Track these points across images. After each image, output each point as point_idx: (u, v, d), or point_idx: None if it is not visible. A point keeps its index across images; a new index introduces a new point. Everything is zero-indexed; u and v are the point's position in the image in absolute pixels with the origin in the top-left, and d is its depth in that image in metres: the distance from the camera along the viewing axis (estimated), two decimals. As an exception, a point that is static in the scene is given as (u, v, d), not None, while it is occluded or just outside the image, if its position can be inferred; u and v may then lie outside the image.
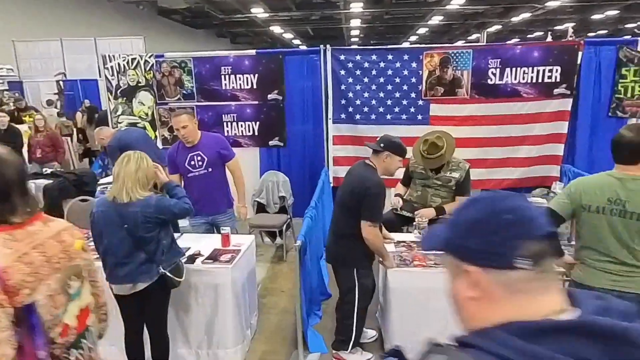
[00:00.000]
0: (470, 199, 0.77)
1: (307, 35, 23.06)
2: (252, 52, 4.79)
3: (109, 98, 4.81)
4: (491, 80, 4.50)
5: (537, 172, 4.69)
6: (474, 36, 24.42)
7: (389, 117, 4.69)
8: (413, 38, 24.70)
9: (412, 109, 4.64)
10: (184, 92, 4.79)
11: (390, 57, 4.56)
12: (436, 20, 20.92)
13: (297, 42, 23.75)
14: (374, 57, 4.58)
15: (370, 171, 2.50)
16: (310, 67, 4.68)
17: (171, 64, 4.71)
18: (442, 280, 2.35)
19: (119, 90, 4.80)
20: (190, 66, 4.73)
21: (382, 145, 2.57)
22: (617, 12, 20.18)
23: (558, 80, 4.46)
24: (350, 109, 4.70)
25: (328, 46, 4.63)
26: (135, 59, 4.73)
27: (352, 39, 24.60)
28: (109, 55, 4.82)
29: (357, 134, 4.73)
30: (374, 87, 4.63)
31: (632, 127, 2.07)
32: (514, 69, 4.46)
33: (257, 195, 4.61)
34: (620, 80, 4.51)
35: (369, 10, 17.19)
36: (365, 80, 4.62)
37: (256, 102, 4.81)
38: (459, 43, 25.32)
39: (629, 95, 4.53)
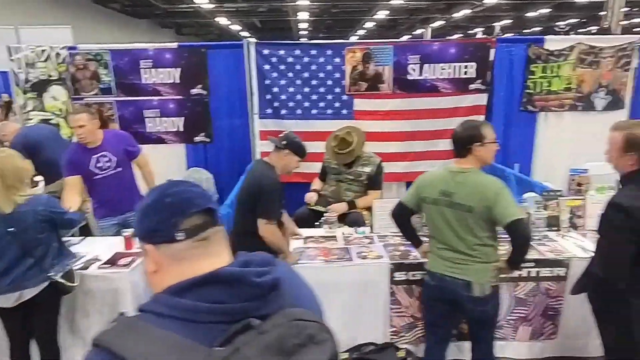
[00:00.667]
0: (150, 189, 0.90)
1: (255, 28, 22.68)
2: (174, 45, 4.62)
3: (17, 93, 4.48)
4: (411, 75, 4.60)
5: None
6: (419, 31, 25.03)
7: (314, 112, 4.69)
8: (361, 32, 24.92)
9: (337, 104, 4.67)
10: (101, 86, 4.54)
11: (313, 52, 4.55)
12: (382, 14, 21.23)
13: (245, 34, 23.28)
14: (297, 52, 4.55)
15: (266, 169, 2.48)
16: (234, 61, 4.58)
17: (85, 56, 4.45)
18: (343, 274, 2.37)
19: (29, 84, 4.48)
20: (106, 59, 4.48)
21: (284, 142, 2.55)
22: (549, 10, 21.34)
23: (473, 76, 4.63)
24: (276, 104, 4.66)
25: (251, 40, 4.55)
26: (45, 50, 4.42)
27: (301, 32, 24.46)
28: (15, 46, 4.47)
29: (283, 129, 4.65)
30: (298, 82, 4.61)
31: (464, 122, 2.19)
32: (432, 65, 4.58)
33: (179, 193, 4.47)
34: (530, 77, 4.76)
35: (316, 3, 17.11)
36: (290, 75, 4.59)
37: (180, 97, 4.65)
38: (405, 38, 25.86)
39: (537, 90, 4.80)
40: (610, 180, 4.90)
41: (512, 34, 22.97)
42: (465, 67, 4.61)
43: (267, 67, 4.56)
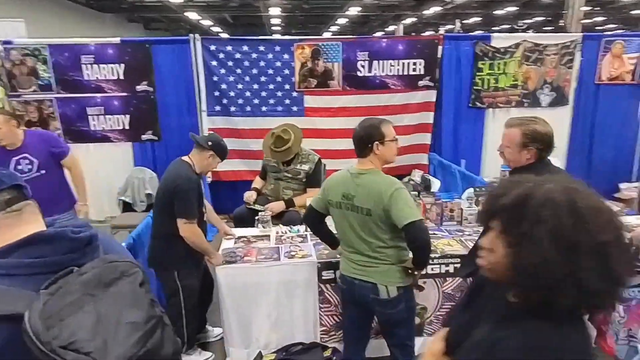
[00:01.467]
0: None
1: (226, 23, 22.31)
2: (117, 40, 4.45)
3: (-52, 89, 4.25)
4: (360, 72, 4.58)
5: (409, 161, 4.88)
6: (391, 28, 25.13)
7: (264, 109, 4.61)
8: (334, 28, 24.83)
9: (287, 101, 4.61)
10: (40, 82, 4.35)
11: (262, 48, 4.47)
12: (354, 11, 21.21)
13: (216, 29, 22.91)
14: (245, 47, 4.46)
15: (182, 167, 2.41)
16: (180, 57, 4.46)
17: (22, 51, 4.25)
18: (271, 275, 2.31)
19: (-39, 81, 4.25)
20: (45, 54, 4.29)
21: (209, 144, 2.48)
22: (516, 8, 21.73)
23: (422, 72, 4.65)
24: (225, 101, 4.56)
25: (197, 36, 4.43)
26: (-23, 45, 4.21)
27: (274, 28, 24.20)
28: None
29: (232, 126, 4.62)
30: (247, 78, 4.53)
31: (363, 121, 2.15)
32: (381, 62, 4.57)
33: (122, 193, 4.34)
34: (478, 73, 4.80)
35: (287, -2, 16.94)
36: (238, 71, 4.50)
37: (124, 94, 4.50)
38: (379, 34, 25.92)
39: (485, 87, 4.84)
40: (555, 174, 5.03)
41: (482, 32, 23.33)
42: (414, 63, 4.62)
43: (214, 63, 4.46)
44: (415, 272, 2.10)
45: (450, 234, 2.89)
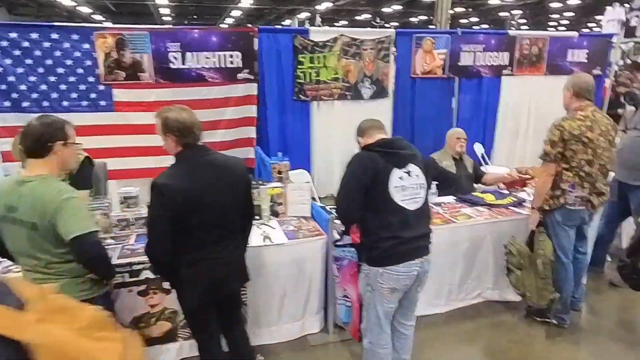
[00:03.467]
0: None
1: (108, 11, 20.52)
2: None
3: None
4: (174, 64, 4.33)
5: (236, 155, 4.70)
6: (286, 22, 25.07)
7: (65, 104, 4.16)
8: (229, 21, 24.13)
9: (93, 95, 4.20)
10: None
11: (55, 36, 4.00)
12: (247, 3, 20.75)
13: (98, 17, 20.98)
14: (34, 35, 3.96)
15: None
16: (-46, 45, 3.83)
17: None
18: None
19: None
20: None
21: None
22: (401, 7, 22.89)
23: (240, 65, 4.52)
24: (15, 96, 4.03)
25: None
26: None
27: (164, 18, 22.84)
28: None
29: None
30: (41, 70, 4.03)
31: (40, 117, 1.96)
32: (195, 54, 4.36)
33: None
34: (299, 67, 4.81)
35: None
36: (29, 62, 3.99)
37: None
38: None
39: (307, 80, 4.87)
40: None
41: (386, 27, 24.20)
42: (231, 56, 4.48)
43: (-3, 52, 3.90)
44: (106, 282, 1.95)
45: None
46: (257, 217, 2.92)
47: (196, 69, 4.40)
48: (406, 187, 2.08)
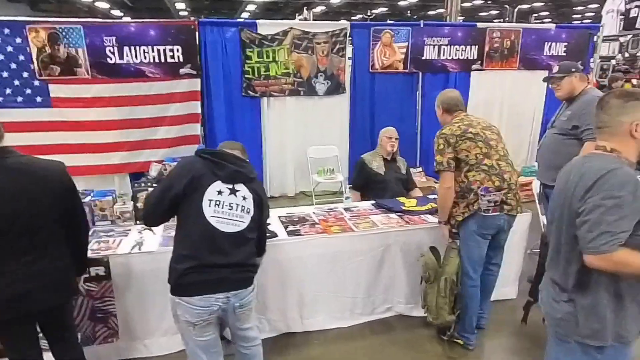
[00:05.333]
0: None
1: (126, 6, 20.83)
2: None
3: None
4: (111, 59, 4.17)
5: (180, 153, 4.54)
6: (303, 15, 24.75)
7: None
8: (245, 15, 24.07)
9: (28, 91, 4.10)
10: None
11: (-13, 30, 3.92)
12: (261, -3, 20.62)
13: (116, 12, 21.33)
14: (-34, 30, 3.89)
15: None
16: None
17: None
18: None
19: None
20: None
21: None
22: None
23: (181, 60, 4.32)
24: (-53, 91, 3.98)
25: None
26: None
27: (181, 13, 22.99)
28: None
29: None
30: (-26, 65, 3.97)
31: None
32: (133, 48, 4.18)
33: None
34: (247, 61, 4.57)
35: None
36: (-41, 56, 3.93)
37: None
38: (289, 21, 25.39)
39: (256, 75, 4.63)
40: (329, 162, 4.98)
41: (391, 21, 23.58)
42: (171, 50, 4.28)
43: None
44: None
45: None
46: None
47: (135, 64, 4.23)
48: (224, 204, 1.80)
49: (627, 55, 6.86)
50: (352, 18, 27.25)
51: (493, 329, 2.83)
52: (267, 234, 2.59)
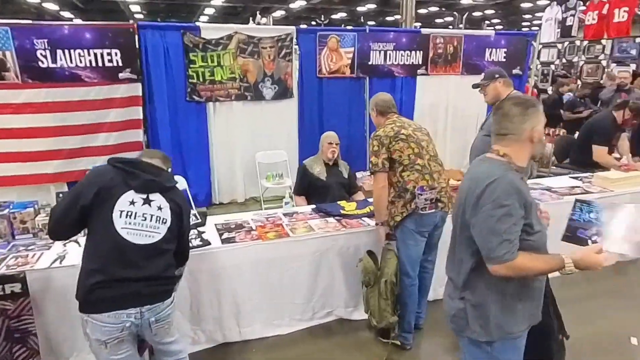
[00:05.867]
0: None
1: (76, 8, 19.97)
2: None
3: None
4: (43, 63, 3.95)
5: (121, 160, 4.39)
6: (263, 20, 24.62)
7: None
8: (204, 18, 23.68)
9: (-49, 96, 3.83)
10: None
11: None
12: (219, 1, 20.34)
13: (66, 14, 20.43)
14: None
15: None
16: None
17: None
18: None
19: None
20: None
21: None
22: (375, 5, 22.56)
23: (120, 64, 4.16)
24: None
25: None
26: None
27: (136, 15, 22.33)
28: None
29: None
30: None
31: None
32: (67, 52, 3.98)
33: None
34: (191, 66, 4.46)
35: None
36: None
37: None
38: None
39: (201, 80, 4.52)
40: (278, 167, 4.94)
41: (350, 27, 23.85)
42: (109, 54, 4.11)
43: None
44: None
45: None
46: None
47: (70, 68, 4.03)
48: (136, 214, 1.73)
49: (564, 60, 7.26)
50: (312, 23, 27.46)
51: (430, 329, 2.88)
52: (201, 243, 2.54)
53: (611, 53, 6.80)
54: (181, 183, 3.87)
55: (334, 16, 25.49)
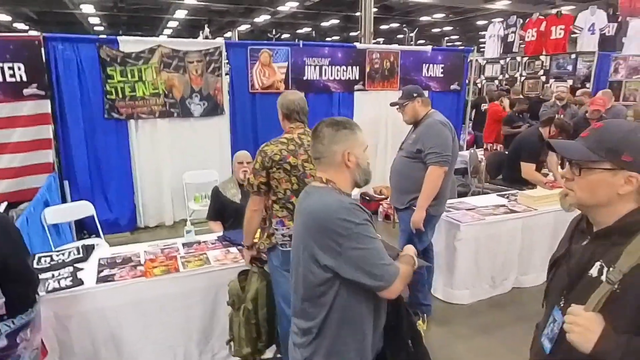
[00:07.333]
0: None
1: (31, 19, 19.14)
2: None
3: None
4: None
5: (29, 184, 3.95)
6: (228, 34, 24.37)
7: None
8: (167, 32, 23.21)
9: None
10: None
11: None
12: (182, 14, 19.95)
13: (19, 26, 19.53)
14: None
15: None
16: None
17: None
18: None
19: None
20: None
21: None
22: (338, 21, 22.71)
23: (25, 79, 3.78)
24: None
25: None
26: None
27: (96, 28, 21.61)
28: None
29: None
30: None
31: None
32: (-39, 66, 3.59)
33: None
34: (109, 81, 4.12)
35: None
36: None
37: None
38: (219, 39, 24.93)
39: (120, 96, 4.19)
40: (208, 188, 4.63)
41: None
42: (11, 68, 3.73)
43: None
44: None
45: None
46: None
47: (-34, 83, 3.63)
48: None
49: (507, 75, 7.33)
50: (276, 37, 27.38)
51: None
52: (71, 283, 2.20)
53: (549, 69, 6.91)
54: (87, 209, 3.50)
55: (299, 31, 25.52)
